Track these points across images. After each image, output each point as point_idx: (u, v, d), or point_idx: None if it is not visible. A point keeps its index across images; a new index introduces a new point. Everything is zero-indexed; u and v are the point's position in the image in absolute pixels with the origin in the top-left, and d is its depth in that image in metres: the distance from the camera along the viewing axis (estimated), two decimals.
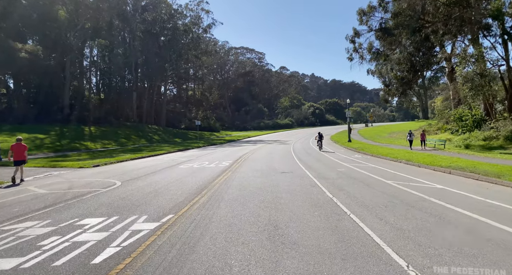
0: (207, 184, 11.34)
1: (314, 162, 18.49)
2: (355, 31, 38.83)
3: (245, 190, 10.01)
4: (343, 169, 15.21)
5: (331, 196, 8.73)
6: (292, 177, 12.69)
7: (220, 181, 11.93)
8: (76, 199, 9.17)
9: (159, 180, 12.64)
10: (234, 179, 12.50)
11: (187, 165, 18.54)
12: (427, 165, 15.50)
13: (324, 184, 10.84)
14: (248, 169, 15.54)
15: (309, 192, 9.47)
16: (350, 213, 6.86)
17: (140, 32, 64.53)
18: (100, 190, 10.72)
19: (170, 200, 8.75)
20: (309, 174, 13.34)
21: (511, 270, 4.15)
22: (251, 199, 8.57)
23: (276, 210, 7.32)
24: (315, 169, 15.06)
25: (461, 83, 34.91)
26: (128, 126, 55.82)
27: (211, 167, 16.81)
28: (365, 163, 17.80)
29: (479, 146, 27.27)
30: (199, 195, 9.43)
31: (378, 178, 12.01)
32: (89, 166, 19.14)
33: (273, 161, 19.47)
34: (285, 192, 9.52)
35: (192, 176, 13.67)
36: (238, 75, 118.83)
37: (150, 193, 9.87)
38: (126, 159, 23.55)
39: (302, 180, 11.75)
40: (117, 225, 6.39)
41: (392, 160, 19.39)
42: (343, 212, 6.99)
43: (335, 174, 13.45)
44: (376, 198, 8.49)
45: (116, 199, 9.13)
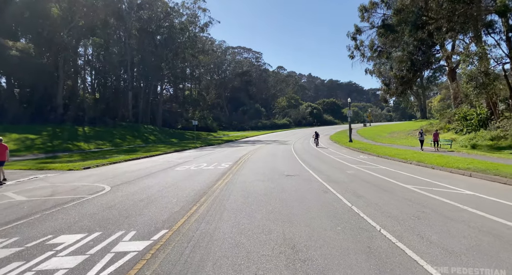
0: (206, 190, 10.17)
1: (319, 164, 17.36)
2: (357, 28, 37.77)
3: (249, 197, 8.84)
4: (353, 171, 14.08)
5: (350, 205, 7.57)
6: (299, 180, 11.54)
7: (221, 186, 10.76)
8: (56, 209, 7.97)
9: (153, 185, 11.45)
10: (236, 183, 11.33)
11: (184, 167, 17.35)
12: (442, 167, 14.40)
13: (337, 189, 9.69)
14: (250, 172, 14.37)
15: (322, 199, 8.32)
16: (380, 228, 5.70)
17: (136, 30, 63.19)
18: (86, 196, 9.52)
19: (164, 210, 7.58)
20: (317, 177, 12.19)
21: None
22: (257, 209, 7.41)
23: (290, 223, 6.16)
24: (322, 172, 13.92)
25: (465, 82, 34.16)
26: (123, 126, 54.50)
27: (209, 170, 15.63)
28: (374, 165, 16.68)
29: (486, 146, 26.29)
30: (197, 203, 8.26)
31: (395, 182, 10.89)
32: (79, 169, 17.91)
33: (275, 163, 18.32)
34: (295, 199, 8.36)
35: (190, 180, 12.49)
36: (235, 74, 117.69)
37: (142, 201, 8.69)
38: (120, 161, 22.33)
39: (312, 185, 10.60)
40: (97, 245, 5.20)
41: (402, 161, 18.30)
42: (371, 227, 5.83)
43: (346, 177, 12.31)
44: (402, 206, 7.35)
45: (102, 208, 7.94)
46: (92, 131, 45.85)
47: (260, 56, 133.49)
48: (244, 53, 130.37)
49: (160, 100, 73.07)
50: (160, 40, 69.34)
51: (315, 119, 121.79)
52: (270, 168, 15.55)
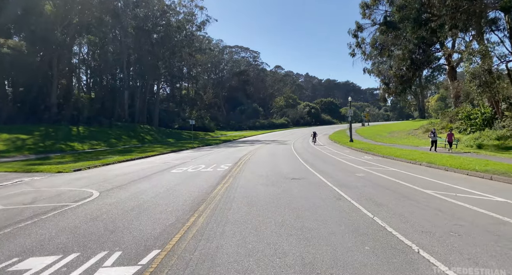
0: (205, 196, 9.15)
1: (324, 165, 16.37)
2: (358, 25, 36.77)
3: (254, 205, 7.83)
4: (362, 173, 13.09)
5: (371, 215, 6.57)
6: (306, 185, 10.54)
7: (221, 192, 9.74)
8: (32, 220, 6.92)
9: (146, 190, 10.42)
10: (237, 188, 10.32)
11: (181, 169, 16.31)
12: (456, 169, 13.45)
13: (351, 195, 8.70)
14: (251, 175, 13.36)
15: (338, 208, 7.32)
16: (418, 249, 4.68)
17: (132, 28, 61.95)
18: (70, 204, 8.48)
19: (157, 222, 6.55)
20: (325, 181, 11.20)
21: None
22: (265, 221, 6.39)
23: (306, 241, 5.15)
24: (329, 174, 12.94)
25: (468, 80, 33.56)
26: (119, 126, 53.32)
27: (208, 172, 14.60)
28: (382, 166, 15.71)
29: (493, 146, 25.47)
30: (195, 212, 7.25)
31: (412, 186, 9.91)
32: (68, 171, 16.85)
33: (277, 164, 17.31)
34: (306, 208, 7.35)
35: (187, 184, 11.46)
36: (233, 74, 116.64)
37: (133, 210, 7.66)
38: (113, 162, 21.27)
39: (321, 190, 9.60)
40: (71, 274, 4.19)
41: (410, 162, 17.34)
42: (406, 247, 4.83)
43: (356, 180, 11.33)
44: (433, 218, 6.34)
45: (86, 219, 6.91)
46: (86, 131, 44.70)
47: (257, 56, 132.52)
48: (242, 52, 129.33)
49: (156, 100, 71.88)
50: (157, 39, 68.13)
51: (313, 119, 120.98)
52: (273, 170, 14.55)
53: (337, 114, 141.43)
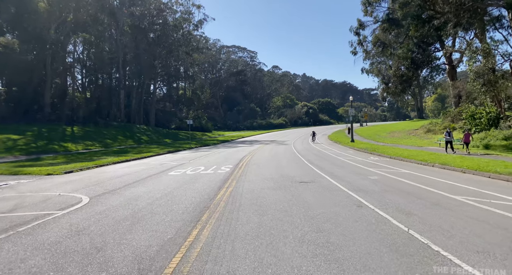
0: (207, 202, 8.16)
1: (331, 167, 15.41)
2: (360, 23, 35.93)
3: (264, 214, 6.84)
4: (375, 176, 12.14)
5: (405, 228, 5.58)
6: (319, 189, 9.57)
7: (225, 197, 8.74)
8: (6, 234, 5.88)
9: (142, 195, 9.42)
10: (243, 193, 9.33)
11: (179, 171, 15.29)
12: (475, 171, 12.52)
13: (372, 202, 7.72)
14: (256, 177, 12.36)
15: (363, 218, 6.33)
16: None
17: (128, 27, 60.80)
18: (55, 213, 7.46)
19: (153, 236, 5.55)
20: (338, 185, 10.23)
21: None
22: (281, 235, 5.40)
23: (338, 264, 4.15)
24: (339, 177, 11.98)
25: (472, 79, 32.99)
26: (114, 126, 52.18)
27: (208, 174, 13.60)
28: (393, 168, 14.77)
29: (501, 146, 24.65)
30: (198, 223, 6.26)
31: (437, 191, 8.94)
32: (59, 173, 15.81)
33: (281, 166, 16.33)
34: (326, 219, 6.35)
35: (186, 188, 10.46)
36: (230, 74, 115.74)
37: (126, 220, 6.66)
38: (107, 163, 20.24)
39: (337, 195, 8.63)
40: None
41: (421, 163, 16.41)
42: (467, 274, 3.87)
43: (372, 184, 10.37)
44: (482, 232, 5.35)
45: (70, 233, 5.89)
46: (81, 131, 43.55)
47: (255, 55, 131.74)
48: (239, 52, 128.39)
49: (153, 99, 70.76)
50: (153, 38, 67.03)
51: (311, 119, 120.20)
52: (278, 173, 13.56)
53: (335, 114, 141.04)
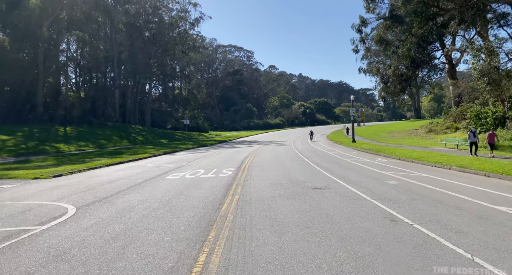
0: (212, 215, 7.03)
1: (341, 170, 14.31)
2: (362, 20, 34.89)
3: (283, 232, 5.66)
4: (393, 181, 11.05)
5: (467, 255, 4.44)
6: (337, 198, 8.45)
7: (232, 208, 7.61)
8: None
9: (136, 204, 8.27)
10: (251, 202, 8.20)
11: (177, 175, 14.13)
12: (501, 175, 11.48)
13: (406, 214, 6.61)
14: (262, 183, 11.23)
15: (404, 238, 5.20)
16: None
17: (123, 25, 59.38)
18: (32, 229, 6.29)
19: (149, 264, 4.41)
20: (357, 192, 9.11)
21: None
22: (311, 264, 4.25)
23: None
24: (355, 182, 10.87)
25: (476, 78, 32.33)
26: (109, 126, 50.85)
27: (210, 179, 12.45)
28: (408, 171, 13.71)
29: (510, 147, 23.81)
30: (204, 245, 5.12)
31: (474, 201, 7.83)
32: (47, 177, 14.62)
33: (287, 168, 15.21)
34: (360, 238, 5.21)
35: (187, 195, 9.31)
36: (227, 73, 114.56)
37: (116, 240, 5.50)
38: (100, 166, 19.05)
39: (360, 206, 7.52)
40: None
41: (436, 166, 15.37)
42: None
43: (394, 190, 9.28)
44: None
45: (46, 259, 4.73)
46: (74, 131, 42.23)
47: (251, 55, 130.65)
48: (235, 51, 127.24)
49: (148, 99, 69.43)
50: (149, 36, 65.72)
51: (308, 119, 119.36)
52: (286, 177, 12.45)
53: (331, 114, 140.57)
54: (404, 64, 45.32)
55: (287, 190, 9.61)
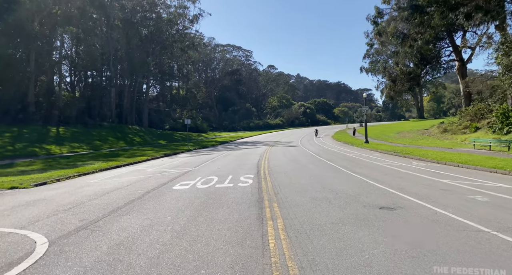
0: (258, 260, 4.39)
1: (389, 178, 11.67)
2: (378, 11, 32.34)
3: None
4: (479, 196, 8.41)
5: None
6: (429, 225, 5.83)
7: (285, 245, 4.94)
8: None
9: (138, 236, 5.62)
10: (308, 233, 5.55)
11: (186, 183, 11.46)
12: None
13: None
14: (300, 197, 8.53)
15: None
16: None
17: (119, 21, 56.58)
18: None
19: None
20: (450, 215, 6.46)
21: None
22: None
23: None
24: (424, 196, 8.25)
25: (501, 73, 30.40)
26: (105, 126, 48.15)
27: (228, 190, 9.80)
28: (476, 180, 11.09)
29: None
30: None
31: None
32: (27, 185, 11.99)
33: (316, 175, 12.55)
34: None
35: (207, 218, 6.63)
36: (225, 73, 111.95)
37: None
38: (93, 171, 16.38)
39: (477, 242, 4.92)
40: None
41: (497, 171, 12.77)
42: None
43: (502, 212, 6.72)
44: None
45: None
46: (67, 132, 39.50)
47: (250, 55, 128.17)
48: (234, 51, 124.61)
49: (146, 99, 66.69)
50: (146, 34, 63.01)
51: (308, 119, 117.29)
52: (323, 187, 9.81)
53: (331, 114, 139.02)
54: (413, 61, 43.24)
55: (344, 211, 6.98)
